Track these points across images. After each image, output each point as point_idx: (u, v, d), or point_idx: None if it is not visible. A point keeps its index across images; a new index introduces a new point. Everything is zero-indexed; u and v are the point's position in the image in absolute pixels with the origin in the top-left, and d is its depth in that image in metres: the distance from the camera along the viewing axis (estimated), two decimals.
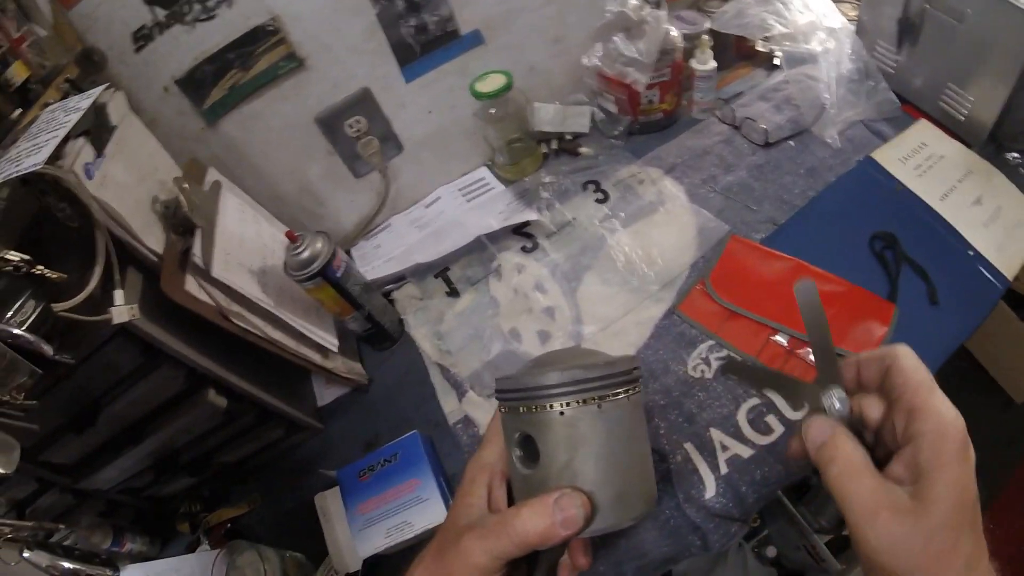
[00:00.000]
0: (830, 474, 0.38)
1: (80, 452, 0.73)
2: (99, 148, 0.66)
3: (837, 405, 0.41)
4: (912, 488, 0.35)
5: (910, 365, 0.39)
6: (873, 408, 0.42)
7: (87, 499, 0.80)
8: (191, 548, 0.84)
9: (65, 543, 0.78)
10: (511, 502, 0.45)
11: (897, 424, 0.39)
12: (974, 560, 0.34)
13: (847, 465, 0.37)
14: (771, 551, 1.20)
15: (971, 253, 0.87)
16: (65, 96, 0.71)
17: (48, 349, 0.54)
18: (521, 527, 0.38)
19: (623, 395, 0.42)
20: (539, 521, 0.38)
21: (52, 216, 0.60)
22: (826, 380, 0.42)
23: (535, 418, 0.41)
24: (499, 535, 0.39)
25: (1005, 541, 1.35)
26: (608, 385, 0.41)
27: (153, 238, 0.69)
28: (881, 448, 0.41)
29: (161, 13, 0.79)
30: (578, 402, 0.40)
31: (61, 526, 0.67)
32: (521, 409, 0.42)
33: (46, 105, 0.67)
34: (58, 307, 0.54)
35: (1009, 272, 0.85)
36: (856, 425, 0.42)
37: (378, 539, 0.72)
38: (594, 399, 0.41)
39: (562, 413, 0.40)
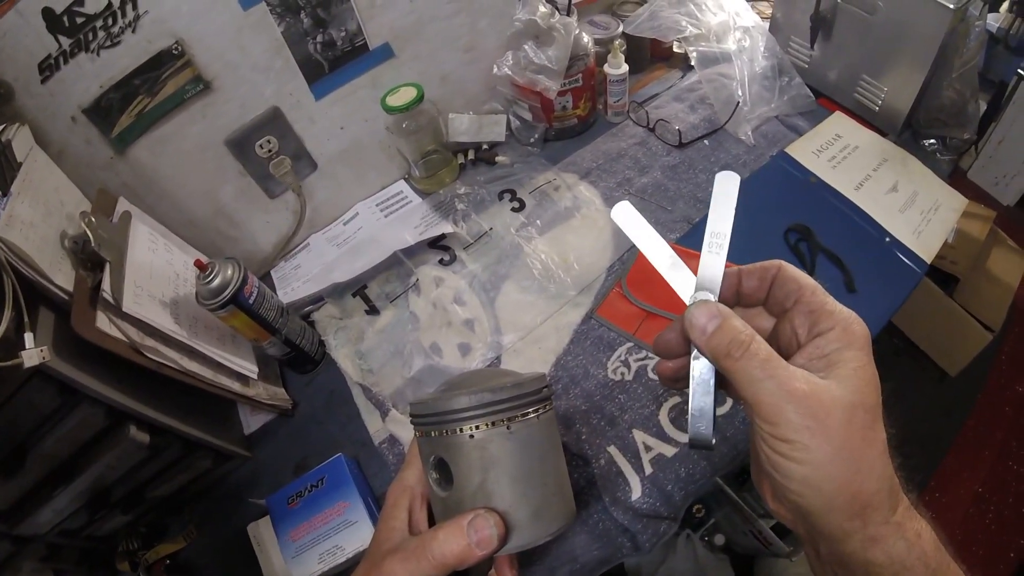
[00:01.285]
0: (731, 358, 0.34)
1: (13, 496, 0.70)
2: (4, 187, 0.64)
3: (711, 297, 0.37)
4: (823, 375, 0.34)
5: (797, 273, 0.38)
6: (762, 320, 0.41)
7: (26, 544, 0.78)
8: None
9: None
10: (432, 524, 0.45)
11: (799, 326, 0.37)
12: (887, 450, 0.34)
13: (753, 345, 0.34)
14: (719, 539, 1.22)
15: (887, 240, 0.88)
16: None
17: None
18: (438, 550, 0.39)
19: (532, 415, 0.43)
20: (455, 543, 0.39)
21: None
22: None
23: (447, 441, 0.42)
24: (418, 558, 0.39)
25: (949, 507, 1.39)
26: (517, 406, 0.42)
27: (63, 275, 0.67)
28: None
29: (66, 41, 0.76)
30: (487, 424, 0.41)
31: None
32: (433, 433, 0.42)
33: None
34: None
35: (927, 255, 0.87)
36: None
37: (312, 565, 0.71)
38: (503, 421, 0.41)
39: (472, 436, 0.41)
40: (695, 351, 0.38)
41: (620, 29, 1.09)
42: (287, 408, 0.89)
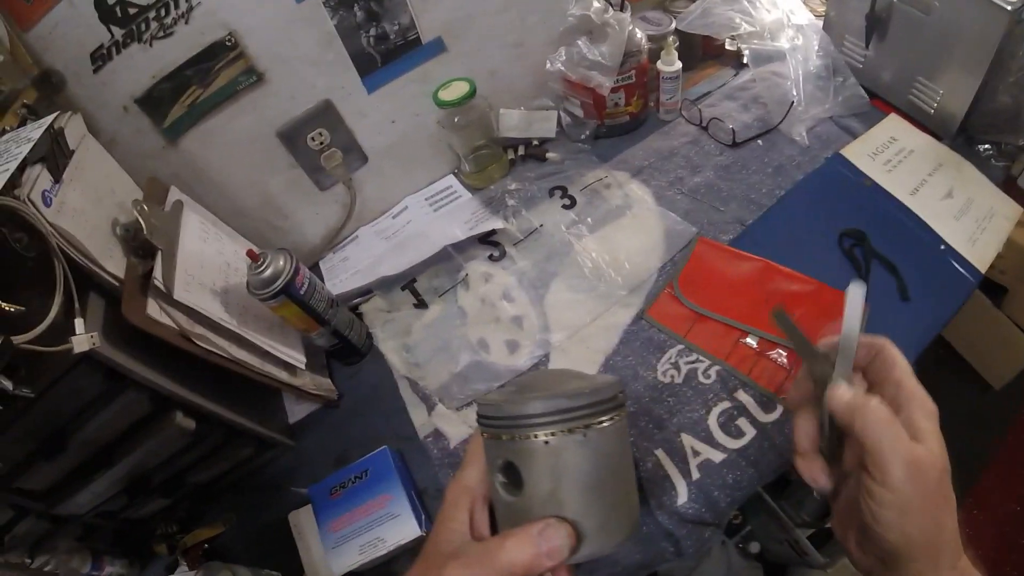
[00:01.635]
0: (868, 422, 0.42)
1: (53, 478, 0.72)
2: (56, 174, 0.65)
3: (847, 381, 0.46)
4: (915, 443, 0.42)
5: (898, 353, 0.47)
6: (857, 381, 0.48)
7: (64, 524, 0.79)
8: (170, 570, 0.83)
9: (45, 569, 0.78)
10: (493, 526, 0.44)
11: (887, 397, 0.44)
12: (956, 508, 0.43)
13: (884, 417, 0.42)
14: (754, 546, 1.21)
15: (942, 247, 0.86)
16: (23, 122, 0.70)
17: (8, 384, 0.54)
18: (505, 559, 0.38)
19: (608, 422, 0.41)
20: (523, 552, 0.38)
21: (8, 247, 0.58)
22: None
23: (518, 446, 0.40)
24: (483, 566, 0.38)
25: (987, 523, 1.36)
26: (593, 413, 0.41)
27: (114, 262, 0.68)
28: None
29: (118, 32, 0.77)
30: (563, 431, 0.40)
31: None
32: (504, 436, 0.41)
33: (3, 132, 0.66)
34: (18, 339, 0.53)
35: (981, 265, 0.85)
36: None
37: (352, 556, 0.72)
38: (579, 428, 0.40)
39: (546, 443, 0.39)
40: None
41: (673, 26, 1.07)
42: (332, 399, 0.89)
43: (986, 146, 0.99)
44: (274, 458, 0.88)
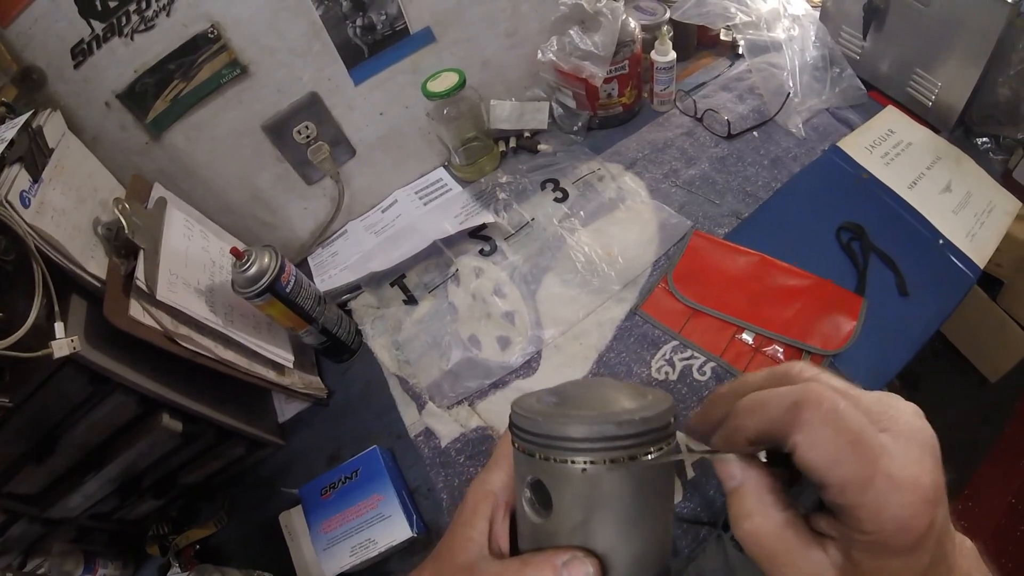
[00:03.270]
0: None
1: (43, 481, 0.71)
2: (35, 174, 0.63)
3: None
4: None
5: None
6: None
7: (57, 527, 0.78)
8: (162, 571, 0.83)
9: (39, 572, 0.77)
10: (513, 540, 0.41)
11: None
12: None
13: None
14: None
15: (941, 242, 0.85)
16: (1, 121, 0.68)
17: None
18: None
19: (656, 453, 0.36)
20: None
21: None
22: None
23: (553, 468, 0.36)
24: None
25: (984, 515, 1.36)
26: (642, 443, 0.36)
27: (95, 263, 0.66)
28: None
29: (98, 26, 0.75)
30: (604, 461, 0.35)
31: None
32: (538, 455, 0.37)
33: None
34: None
35: (980, 259, 0.84)
36: None
37: (343, 558, 0.70)
38: (623, 459, 0.35)
39: (584, 470, 0.35)
40: None
41: (667, 15, 1.06)
42: (322, 397, 0.88)
43: (984, 139, 0.99)
44: (265, 458, 0.87)
